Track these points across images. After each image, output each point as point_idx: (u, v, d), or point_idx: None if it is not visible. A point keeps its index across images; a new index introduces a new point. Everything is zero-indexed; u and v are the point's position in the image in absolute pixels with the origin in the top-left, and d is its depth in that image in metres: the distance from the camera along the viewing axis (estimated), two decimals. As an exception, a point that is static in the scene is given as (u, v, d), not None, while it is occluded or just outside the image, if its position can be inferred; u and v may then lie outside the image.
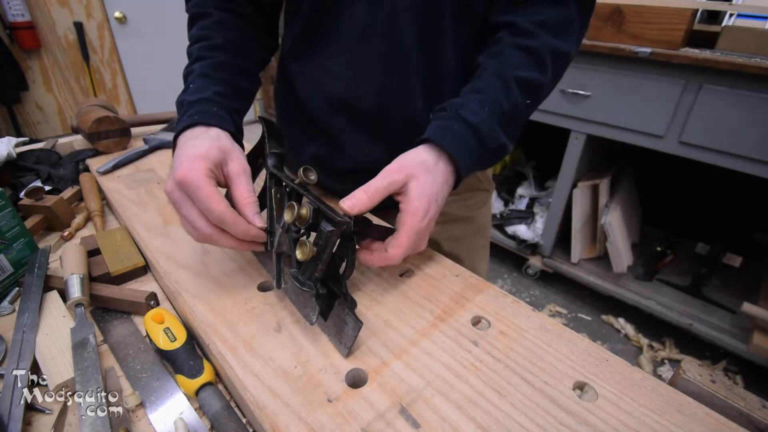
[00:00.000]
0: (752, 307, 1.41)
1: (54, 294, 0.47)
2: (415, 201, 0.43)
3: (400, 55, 0.54)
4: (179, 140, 0.46)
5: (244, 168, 0.44)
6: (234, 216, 0.40)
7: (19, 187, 0.70)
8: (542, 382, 0.36)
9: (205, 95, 0.50)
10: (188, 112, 0.48)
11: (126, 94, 3.11)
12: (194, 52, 0.54)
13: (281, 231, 0.43)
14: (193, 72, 0.52)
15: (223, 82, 0.52)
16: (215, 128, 0.47)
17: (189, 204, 0.41)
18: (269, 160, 0.48)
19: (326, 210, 0.39)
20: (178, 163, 0.42)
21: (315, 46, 0.58)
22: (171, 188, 0.42)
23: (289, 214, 0.40)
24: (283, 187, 0.46)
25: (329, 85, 0.58)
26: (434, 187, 0.44)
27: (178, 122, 0.49)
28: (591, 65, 1.54)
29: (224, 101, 0.51)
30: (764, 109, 1.25)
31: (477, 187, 0.70)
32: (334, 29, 0.55)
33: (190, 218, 0.41)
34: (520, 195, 2.09)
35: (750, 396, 0.35)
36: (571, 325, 1.78)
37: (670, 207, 2.03)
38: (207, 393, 0.36)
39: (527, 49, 0.49)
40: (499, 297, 0.46)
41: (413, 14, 0.51)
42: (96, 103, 0.88)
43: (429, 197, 0.43)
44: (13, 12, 2.45)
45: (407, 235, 0.43)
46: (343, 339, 0.38)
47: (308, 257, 0.38)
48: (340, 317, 0.38)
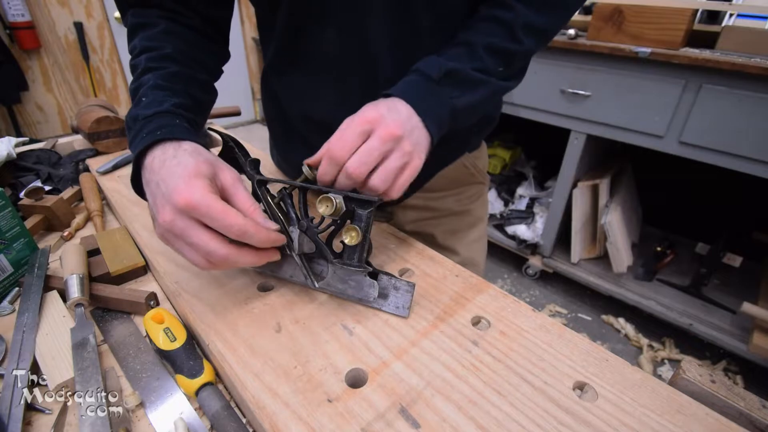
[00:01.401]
0: (752, 307, 1.41)
1: (54, 294, 0.47)
2: None
3: (378, 84, 0.51)
4: (147, 162, 0.41)
5: (237, 176, 0.41)
6: (256, 225, 0.38)
7: (19, 187, 0.70)
8: (542, 382, 0.36)
9: (163, 108, 0.44)
10: (147, 128, 0.42)
11: (126, 94, 3.11)
12: (141, 63, 0.48)
13: (299, 232, 0.43)
14: (145, 84, 0.46)
15: (180, 93, 0.47)
16: (186, 141, 0.41)
17: (199, 229, 0.37)
18: (248, 169, 0.47)
19: (355, 195, 0.41)
20: (172, 189, 0.37)
21: (294, 65, 0.56)
22: (170, 217, 0.36)
23: (324, 207, 0.41)
24: (282, 190, 0.46)
25: (311, 105, 0.57)
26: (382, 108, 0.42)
27: (135, 140, 0.42)
28: (591, 65, 1.54)
29: (185, 113, 0.46)
30: (764, 109, 1.25)
31: (470, 180, 0.70)
32: (310, 57, 0.54)
33: (203, 243, 0.37)
34: (520, 195, 2.09)
35: (750, 396, 0.35)
36: (571, 325, 1.78)
37: (670, 207, 2.03)
38: (207, 393, 0.36)
39: (498, 19, 0.47)
40: (499, 297, 0.46)
41: (387, 43, 0.50)
42: (96, 103, 0.88)
43: (376, 109, 0.42)
44: (13, 12, 2.46)
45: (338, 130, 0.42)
46: (400, 303, 0.43)
47: (359, 240, 0.41)
48: (389, 286, 0.43)
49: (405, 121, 0.42)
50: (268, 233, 0.39)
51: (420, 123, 0.43)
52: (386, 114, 0.41)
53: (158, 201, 0.38)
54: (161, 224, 0.37)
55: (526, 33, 0.48)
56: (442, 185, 0.67)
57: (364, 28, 0.49)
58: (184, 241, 0.38)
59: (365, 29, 0.49)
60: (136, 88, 0.48)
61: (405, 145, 0.41)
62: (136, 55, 0.51)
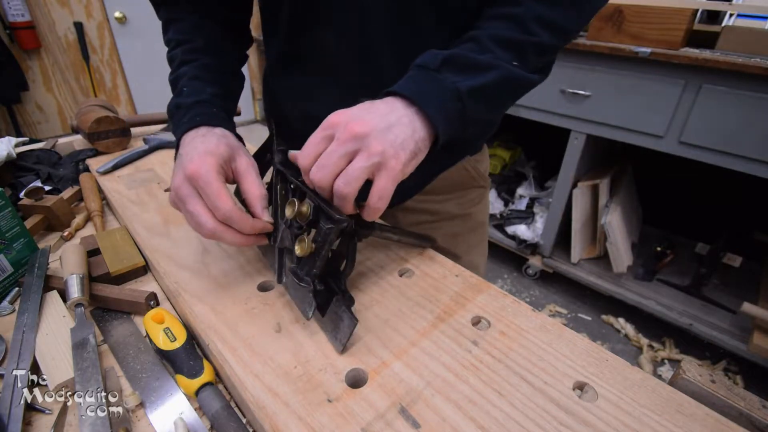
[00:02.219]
0: (752, 307, 1.41)
1: (54, 294, 0.47)
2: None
3: (379, 85, 0.49)
4: (184, 140, 0.46)
5: (251, 163, 0.45)
6: (240, 214, 0.40)
7: (19, 187, 0.70)
8: (542, 382, 0.36)
9: (203, 97, 0.50)
10: (188, 114, 0.48)
11: (126, 94, 3.11)
12: (178, 55, 0.54)
13: (284, 227, 0.43)
14: (183, 75, 0.52)
15: (215, 83, 0.53)
16: (219, 127, 0.47)
17: (196, 199, 0.41)
18: (276, 157, 0.48)
19: (326, 207, 0.39)
20: (188, 159, 0.42)
21: (296, 65, 0.58)
22: (179, 182, 0.42)
23: (290, 209, 0.41)
24: (287, 184, 0.46)
25: (312, 105, 0.58)
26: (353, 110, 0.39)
27: (178, 125, 0.49)
28: (591, 65, 1.54)
29: (220, 102, 0.51)
30: (764, 109, 1.25)
31: (472, 184, 0.70)
32: (311, 57, 0.55)
33: (196, 213, 0.41)
34: (520, 195, 2.09)
35: (750, 396, 0.35)
36: (571, 325, 1.78)
37: (670, 207, 2.03)
38: (207, 393, 0.36)
39: (507, 16, 0.45)
40: (499, 297, 0.46)
41: (389, 43, 0.50)
42: (96, 103, 0.88)
43: (344, 112, 0.39)
44: (13, 12, 2.45)
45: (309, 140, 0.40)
46: (338, 335, 0.39)
47: (306, 253, 0.39)
48: (336, 314, 0.39)
49: (377, 118, 0.38)
50: (253, 224, 0.41)
51: (407, 117, 0.39)
52: (353, 114, 0.39)
53: (176, 168, 0.43)
54: (172, 187, 0.42)
55: (539, 25, 0.44)
56: (443, 188, 0.67)
57: (366, 28, 0.49)
58: (185, 206, 0.42)
59: (366, 29, 0.49)
60: (175, 79, 0.53)
61: (373, 145, 0.37)
62: (172, 47, 0.56)
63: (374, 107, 0.40)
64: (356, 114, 0.39)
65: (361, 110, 0.39)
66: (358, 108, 0.40)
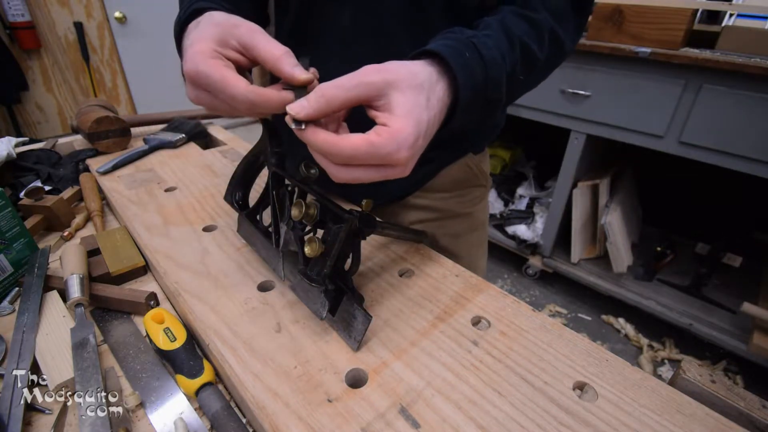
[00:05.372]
0: (752, 307, 1.41)
1: (54, 294, 0.47)
2: (401, 118, 0.32)
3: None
4: (183, 44, 0.41)
5: (254, 27, 0.38)
6: (259, 93, 0.35)
7: (19, 187, 0.70)
8: (542, 382, 0.36)
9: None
10: (184, 6, 0.44)
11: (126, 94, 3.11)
12: None
13: (286, 229, 0.43)
14: None
15: None
16: (217, 12, 0.41)
17: (209, 97, 0.37)
18: (271, 159, 0.48)
19: (333, 207, 0.39)
20: (184, 62, 0.38)
21: (307, 44, 0.57)
22: (188, 90, 0.39)
23: (296, 211, 0.40)
24: (284, 186, 0.46)
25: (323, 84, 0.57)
26: (426, 113, 0.34)
27: (175, 30, 0.44)
28: (591, 65, 1.54)
29: None
30: (764, 109, 1.25)
31: (474, 183, 0.70)
32: (323, 34, 0.55)
33: (222, 108, 0.38)
34: (520, 195, 2.09)
35: (750, 396, 0.35)
36: (571, 325, 1.78)
37: (670, 207, 2.03)
38: (207, 393, 0.36)
39: (529, 19, 0.44)
40: (499, 297, 0.46)
41: (403, 21, 0.50)
42: (96, 103, 0.88)
43: (418, 122, 0.33)
44: (13, 12, 2.45)
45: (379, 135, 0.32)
46: (353, 333, 0.39)
47: (317, 254, 0.38)
48: (349, 312, 0.39)
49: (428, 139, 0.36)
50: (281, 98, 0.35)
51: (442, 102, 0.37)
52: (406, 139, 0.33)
53: None
54: (187, 96, 0.39)
55: (550, 38, 0.45)
56: (445, 186, 0.67)
57: (380, 5, 0.49)
58: (210, 109, 0.39)
59: (380, 7, 0.49)
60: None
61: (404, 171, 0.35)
62: None
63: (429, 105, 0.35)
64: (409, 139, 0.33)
65: (427, 110, 0.34)
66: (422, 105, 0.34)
